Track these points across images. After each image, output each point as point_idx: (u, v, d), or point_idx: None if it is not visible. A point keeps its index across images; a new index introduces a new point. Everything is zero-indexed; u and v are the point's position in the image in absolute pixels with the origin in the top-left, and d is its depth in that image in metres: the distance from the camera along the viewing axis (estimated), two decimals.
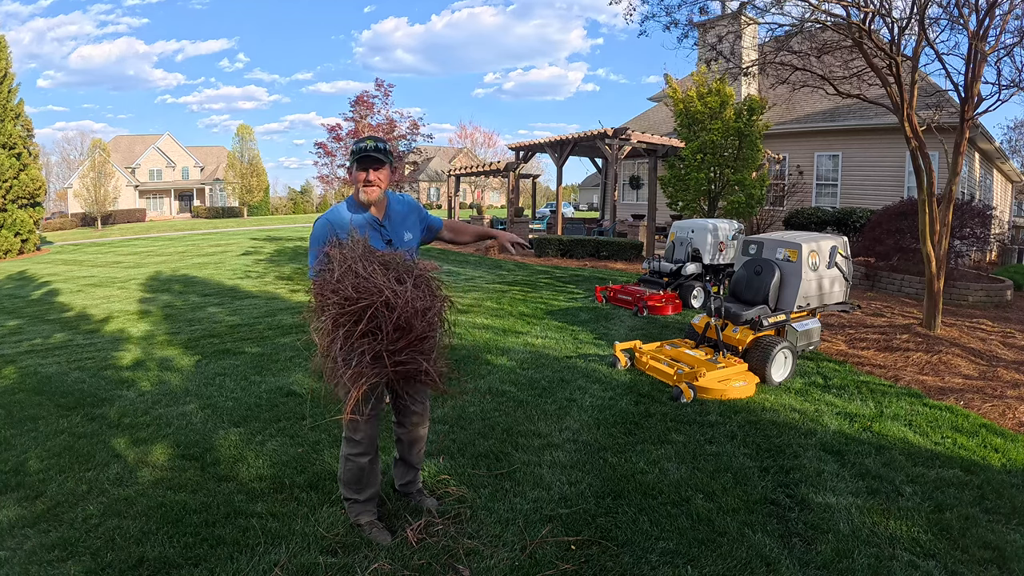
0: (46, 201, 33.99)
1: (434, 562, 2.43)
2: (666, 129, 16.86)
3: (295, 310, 7.93)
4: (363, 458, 2.56)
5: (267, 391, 4.54)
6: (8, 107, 20.37)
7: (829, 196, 14.75)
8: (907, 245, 9.34)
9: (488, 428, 3.76)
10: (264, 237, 21.89)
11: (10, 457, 3.47)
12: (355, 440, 2.54)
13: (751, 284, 5.23)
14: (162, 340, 6.47)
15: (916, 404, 4.39)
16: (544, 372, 4.95)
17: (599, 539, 2.62)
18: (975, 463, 3.44)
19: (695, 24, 7.58)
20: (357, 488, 2.62)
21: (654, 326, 6.82)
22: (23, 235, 20.58)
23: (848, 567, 2.45)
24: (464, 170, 19.36)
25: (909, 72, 6.60)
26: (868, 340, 6.20)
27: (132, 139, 52.35)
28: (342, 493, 2.68)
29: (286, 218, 42.28)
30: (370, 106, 13.23)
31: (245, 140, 44.59)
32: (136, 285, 11.28)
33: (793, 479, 3.18)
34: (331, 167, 14.11)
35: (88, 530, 2.66)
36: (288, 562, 2.42)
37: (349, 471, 2.59)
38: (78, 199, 38.28)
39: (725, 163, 11.45)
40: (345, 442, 2.58)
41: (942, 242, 6.53)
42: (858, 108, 13.45)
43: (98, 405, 4.35)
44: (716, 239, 8.23)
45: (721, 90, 11.42)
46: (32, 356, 6.05)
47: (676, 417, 3.99)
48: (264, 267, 13.24)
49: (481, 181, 52.80)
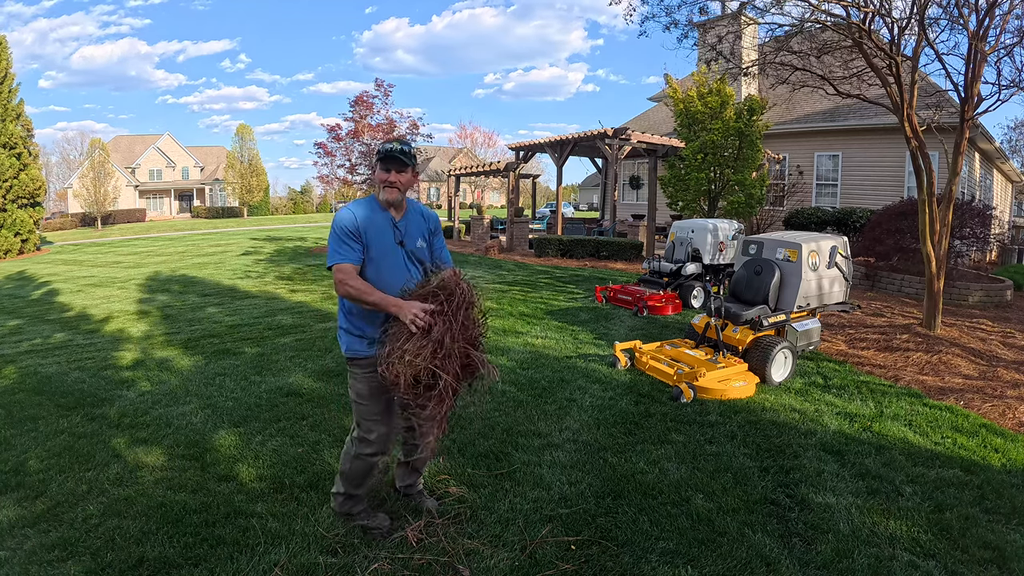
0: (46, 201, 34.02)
1: (434, 562, 2.43)
2: (666, 129, 16.86)
3: (295, 310, 7.93)
4: (376, 457, 2.55)
5: (267, 391, 4.54)
6: (9, 107, 20.38)
7: (829, 196, 14.75)
8: (907, 245, 9.34)
9: (488, 428, 3.76)
10: (264, 237, 21.89)
11: (10, 457, 3.47)
12: (369, 440, 2.52)
13: (751, 284, 5.23)
14: (162, 340, 6.47)
15: (916, 404, 4.39)
16: (544, 372, 4.95)
17: (599, 539, 2.62)
18: (975, 463, 3.44)
19: (695, 24, 7.58)
20: (358, 484, 2.62)
21: (654, 326, 6.82)
22: (23, 235, 20.58)
23: (848, 567, 2.45)
24: (464, 170, 19.35)
25: (909, 72, 6.60)
26: (868, 340, 6.20)
27: (132, 139, 52.34)
28: (339, 488, 2.64)
29: (286, 218, 42.27)
30: (370, 106, 13.21)
31: (245, 140, 44.58)
32: (136, 285, 11.28)
33: (793, 479, 3.18)
34: (331, 167, 14.09)
35: (88, 530, 2.66)
36: (288, 562, 2.42)
37: (357, 468, 2.57)
38: (78, 199, 38.29)
39: (725, 163, 11.45)
40: (358, 442, 2.55)
41: (942, 242, 6.53)
42: (858, 108, 13.46)
43: (98, 405, 4.35)
44: (716, 239, 8.23)
45: (721, 90, 11.42)
46: (32, 356, 6.05)
47: (676, 417, 3.99)
48: (264, 267, 13.24)
49: (481, 181, 52.78)
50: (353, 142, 13.27)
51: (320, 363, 5.26)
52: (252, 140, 44.87)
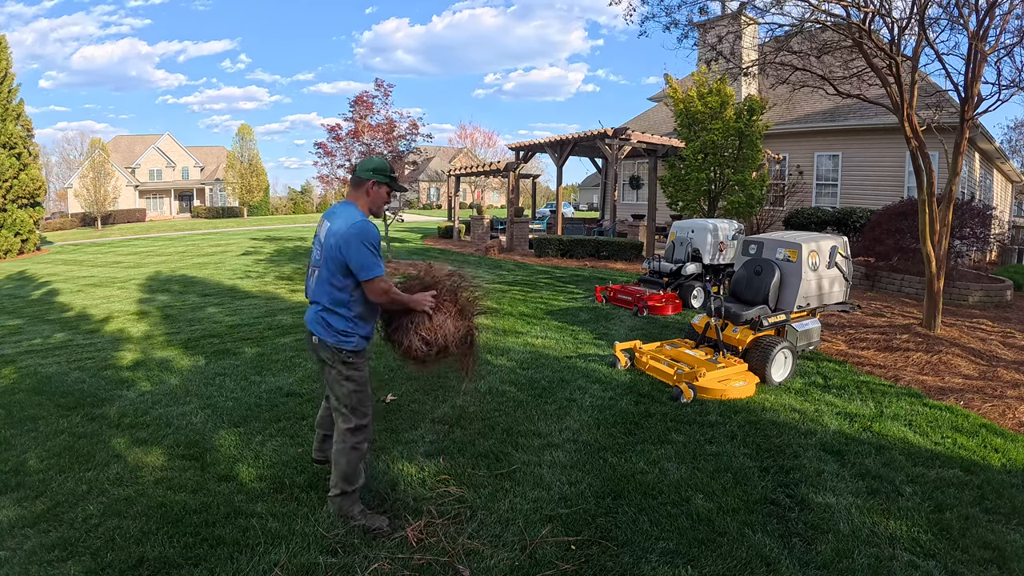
0: (46, 201, 34.02)
1: (434, 562, 2.43)
2: (666, 129, 16.86)
3: (295, 310, 7.93)
4: (367, 443, 2.80)
5: (267, 391, 4.54)
6: (8, 107, 20.38)
7: (829, 196, 14.76)
8: (907, 245, 9.34)
9: (488, 428, 3.77)
10: (264, 237, 21.90)
11: (10, 457, 3.47)
12: (363, 426, 2.76)
13: (751, 284, 5.23)
14: (162, 340, 6.47)
15: (916, 404, 4.39)
16: (544, 372, 4.95)
17: (599, 539, 2.62)
18: (975, 463, 3.44)
19: (695, 24, 7.58)
20: (354, 477, 2.74)
21: (654, 326, 6.82)
22: (23, 235, 20.58)
23: (848, 567, 2.45)
24: (464, 170, 19.36)
25: (909, 72, 6.60)
26: (868, 340, 6.20)
27: (132, 139, 52.34)
28: (338, 490, 2.73)
29: (286, 218, 42.28)
30: (370, 106, 13.17)
31: (245, 140, 44.59)
32: (136, 285, 11.28)
33: (793, 479, 3.18)
34: (331, 167, 14.05)
35: (88, 530, 2.66)
36: (288, 562, 2.42)
37: (354, 460, 2.73)
38: (78, 199, 38.30)
39: (725, 163, 11.45)
40: (351, 432, 2.73)
41: (942, 242, 6.53)
42: (858, 108, 13.46)
43: (98, 405, 4.35)
44: (716, 239, 8.23)
45: (721, 90, 11.42)
46: (32, 356, 6.05)
47: (676, 417, 3.99)
48: (264, 267, 13.25)
49: (481, 181, 52.79)
50: (353, 142, 13.24)
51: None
52: (252, 140, 44.88)
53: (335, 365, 2.70)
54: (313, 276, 2.78)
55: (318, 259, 2.74)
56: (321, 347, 2.72)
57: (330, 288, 2.67)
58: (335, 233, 2.63)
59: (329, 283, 2.67)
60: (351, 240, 2.58)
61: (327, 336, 2.69)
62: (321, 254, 2.71)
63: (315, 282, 2.75)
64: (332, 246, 2.63)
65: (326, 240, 2.67)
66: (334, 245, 2.62)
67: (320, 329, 2.71)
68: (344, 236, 2.59)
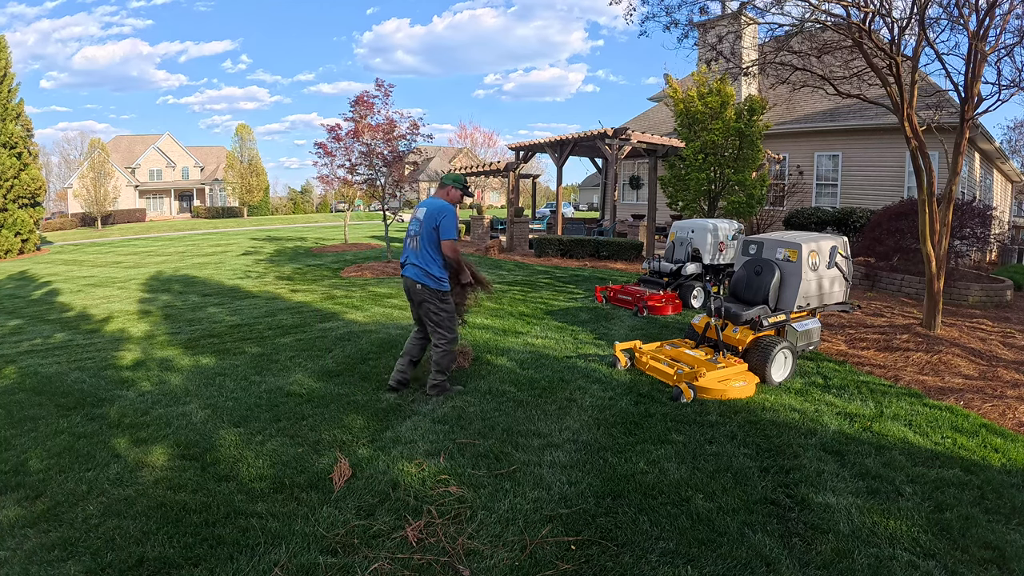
0: (46, 201, 34.05)
1: (434, 562, 2.43)
2: (666, 129, 16.86)
3: (295, 310, 7.93)
4: (456, 344, 4.35)
5: (267, 391, 4.54)
6: (8, 107, 20.39)
7: (829, 196, 14.76)
8: (907, 245, 9.33)
9: (488, 428, 3.77)
10: (264, 237, 21.90)
11: (10, 457, 3.47)
12: (453, 336, 4.27)
13: (751, 284, 5.23)
14: (162, 340, 6.47)
15: (916, 404, 4.39)
16: (544, 372, 4.94)
17: (599, 539, 2.62)
18: (975, 463, 3.44)
19: (695, 24, 7.57)
20: (447, 369, 4.26)
21: (654, 326, 6.82)
22: (23, 235, 20.59)
23: (848, 567, 2.45)
24: (464, 170, 19.37)
25: (909, 72, 6.60)
26: (868, 340, 6.20)
27: (132, 139, 52.35)
28: (436, 380, 4.24)
29: (286, 218, 42.31)
30: (370, 106, 13.16)
31: (245, 140, 44.63)
32: (136, 285, 11.28)
33: (793, 479, 3.18)
34: (331, 167, 14.04)
35: (88, 530, 2.66)
36: (288, 562, 2.42)
37: (448, 359, 4.25)
38: (78, 199, 38.31)
39: (725, 163, 11.44)
40: (447, 342, 4.21)
41: (942, 242, 6.53)
42: (858, 108, 13.45)
43: (98, 405, 4.35)
44: (716, 239, 8.23)
45: (721, 90, 11.41)
46: (32, 356, 6.05)
47: (676, 417, 3.99)
48: (264, 267, 13.25)
49: (481, 181, 52.75)
50: (353, 142, 13.23)
51: (320, 363, 5.26)
52: (252, 140, 44.93)
53: (433, 301, 4.15)
54: (413, 242, 4.19)
55: (417, 230, 4.17)
56: (424, 291, 4.14)
57: (429, 252, 4.13)
58: (433, 207, 4.16)
59: (427, 250, 4.13)
60: (444, 211, 4.14)
61: (430, 282, 4.13)
62: (420, 227, 4.15)
63: (416, 250, 4.17)
64: (431, 216, 4.12)
65: (425, 216, 4.14)
66: (433, 215, 4.11)
67: (425, 278, 4.13)
68: (440, 208, 4.16)
